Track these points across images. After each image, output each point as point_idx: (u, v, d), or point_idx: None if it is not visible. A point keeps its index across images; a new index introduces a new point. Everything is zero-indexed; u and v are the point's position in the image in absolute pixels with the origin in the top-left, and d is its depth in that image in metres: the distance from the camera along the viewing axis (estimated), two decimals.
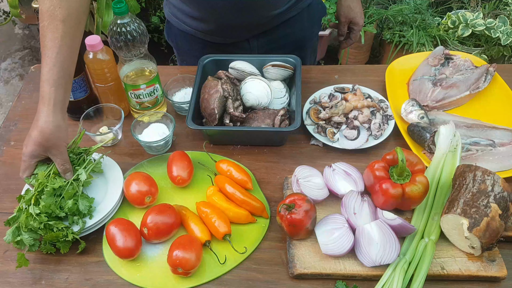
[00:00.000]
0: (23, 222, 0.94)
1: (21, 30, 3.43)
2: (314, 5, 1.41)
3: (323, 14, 1.49)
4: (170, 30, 1.45)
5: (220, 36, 1.34)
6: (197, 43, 1.38)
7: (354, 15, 1.48)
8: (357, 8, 1.48)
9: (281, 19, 1.32)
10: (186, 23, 1.35)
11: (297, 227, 0.92)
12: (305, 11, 1.37)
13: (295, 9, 1.34)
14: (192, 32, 1.36)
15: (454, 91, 1.26)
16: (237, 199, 1.03)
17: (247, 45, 1.37)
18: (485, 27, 2.45)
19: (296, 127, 1.10)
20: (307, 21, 1.40)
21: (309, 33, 1.46)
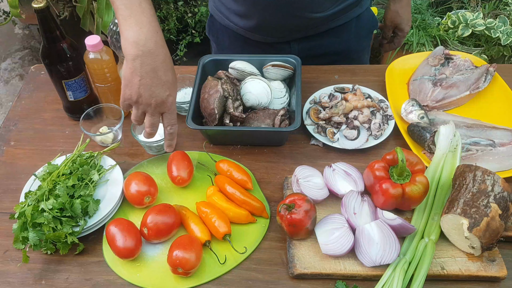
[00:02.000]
0: (29, 216, 0.94)
1: (21, 30, 3.43)
2: (365, 17, 1.37)
3: (374, 27, 1.45)
4: (212, 24, 1.44)
5: (262, 34, 1.33)
6: (238, 39, 1.37)
7: (400, 21, 1.47)
8: (405, 15, 1.46)
9: (326, 26, 1.30)
10: (229, 19, 1.34)
11: (297, 227, 0.92)
12: (353, 21, 1.34)
13: (342, 18, 1.30)
14: (235, 29, 1.35)
15: (454, 91, 1.26)
16: (237, 199, 1.03)
17: (287, 47, 1.36)
18: (485, 27, 2.45)
19: (296, 127, 1.10)
20: (354, 32, 1.37)
21: (355, 45, 1.41)
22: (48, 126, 1.27)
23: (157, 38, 0.83)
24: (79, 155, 1.08)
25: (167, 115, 0.89)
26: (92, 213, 1.00)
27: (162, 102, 0.86)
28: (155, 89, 0.84)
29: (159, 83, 0.84)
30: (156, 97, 0.85)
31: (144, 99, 0.84)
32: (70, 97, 1.22)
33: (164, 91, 0.85)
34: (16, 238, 0.95)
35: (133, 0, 0.83)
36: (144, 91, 0.84)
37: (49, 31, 1.10)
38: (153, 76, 0.83)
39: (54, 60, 1.14)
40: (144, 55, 0.83)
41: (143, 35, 0.82)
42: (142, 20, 0.82)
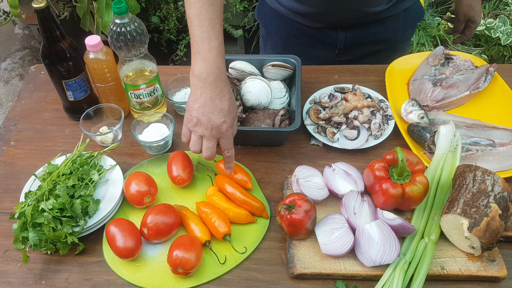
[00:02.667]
0: (29, 216, 0.94)
1: (21, 30, 3.43)
2: (413, 9, 1.40)
3: (420, 19, 1.48)
4: (262, 7, 1.47)
5: (313, 19, 1.35)
6: (287, 23, 1.39)
7: (474, 13, 1.47)
8: (478, 7, 1.47)
9: (377, 17, 1.32)
10: (281, 3, 1.37)
11: (297, 227, 0.92)
12: (401, 13, 1.36)
13: (393, 10, 1.33)
14: (285, 13, 1.37)
15: (454, 91, 1.26)
16: (237, 199, 1.03)
17: (334, 34, 1.37)
18: (485, 27, 2.45)
19: (296, 127, 1.10)
20: (402, 23, 1.39)
21: (401, 35, 1.44)
22: (48, 126, 1.27)
23: (217, 73, 0.94)
24: (79, 155, 1.08)
25: (223, 140, 0.97)
26: (92, 213, 1.00)
27: (217, 127, 0.94)
28: (212, 115, 0.94)
29: (216, 110, 0.94)
30: (212, 122, 0.94)
31: (202, 123, 0.94)
32: (70, 97, 1.22)
33: (220, 117, 0.94)
34: (16, 238, 0.95)
35: (204, 39, 0.93)
36: (202, 116, 0.94)
37: (49, 31, 1.10)
38: (210, 104, 0.93)
39: (54, 60, 1.14)
40: (204, 86, 0.94)
41: (205, 70, 0.93)
42: (208, 57, 0.93)
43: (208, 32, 0.94)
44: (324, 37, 1.38)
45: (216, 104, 0.94)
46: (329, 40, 1.39)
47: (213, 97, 0.94)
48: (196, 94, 0.94)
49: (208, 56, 0.93)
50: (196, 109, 0.94)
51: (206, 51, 0.94)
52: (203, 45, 0.94)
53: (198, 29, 0.94)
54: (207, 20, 0.94)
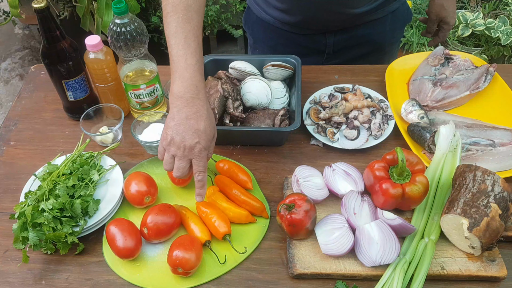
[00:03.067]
0: (29, 216, 0.94)
1: (21, 30, 3.43)
2: (400, 11, 1.39)
3: (408, 21, 1.47)
4: (249, 17, 1.47)
5: (300, 27, 1.34)
6: (274, 32, 1.39)
7: (446, 14, 1.45)
8: (450, 8, 1.44)
9: (364, 19, 1.32)
10: (267, 12, 1.37)
11: (297, 227, 0.92)
12: (389, 15, 1.36)
13: (380, 12, 1.33)
14: (272, 22, 1.37)
15: (454, 91, 1.26)
16: (237, 199, 1.03)
17: (322, 39, 1.37)
18: (485, 27, 2.45)
19: (296, 127, 1.10)
20: (390, 25, 1.38)
21: (389, 37, 1.44)
22: (48, 126, 1.27)
23: (194, 92, 0.92)
24: (79, 155, 1.08)
25: (195, 161, 0.94)
26: (92, 213, 1.00)
27: (190, 147, 0.92)
28: (186, 134, 0.91)
29: (190, 130, 0.91)
30: (185, 142, 0.91)
31: (175, 142, 0.92)
32: (70, 97, 1.22)
33: (194, 138, 0.91)
34: (16, 238, 0.95)
35: (180, 57, 0.92)
36: (176, 135, 0.91)
37: (49, 31, 1.10)
38: (185, 123, 0.91)
39: (54, 60, 1.14)
40: (181, 105, 0.92)
41: (182, 88, 0.92)
42: (184, 75, 0.92)
43: (184, 50, 0.92)
44: (312, 43, 1.38)
45: (191, 124, 0.91)
46: (318, 46, 1.39)
47: (188, 116, 0.91)
48: (173, 112, 0.92)
49: (184, 75, 0.92)
50: (171, 127, 0.92)
51: (183, 69, 0.92)
52: (180, 63, 0.92)
53: (174, 47, 0.93)
54: (182, 38, 0.92)
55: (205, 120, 0.92)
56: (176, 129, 0.91)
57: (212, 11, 2.58)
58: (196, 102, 0.92)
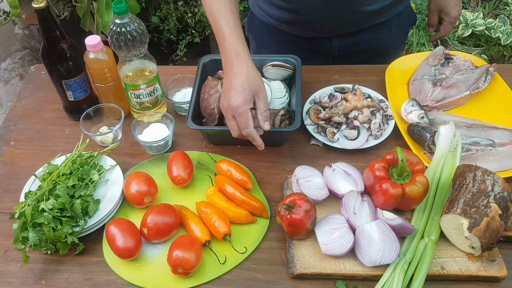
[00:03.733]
0: (29, 216, 0.94)
1: (21, 30, 3.42)
2: (405, 14, 1.37)
3: (413, 24, 1.44)
4: (252, 21, 1.46)
5: (305, 28, 1.33)
6: (278, 36, 1.38)
7: (445, 3, 1.34)
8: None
9: (370, 22, 1.30)
10: (271, 16, 1.36)
11: (297, 227, 0.92)
12: (394, 18, 1.34)
13: (386, 15, 1.31)
14: (276, 25, 1.36)
15: (454, 91, 1.26)
16: (237, 199, 1.03)
17: (328, 43, 1.36)
18: (485, 27, 2.45)
19: (296, 127, 1.10)
20: (395, 29, 1.37)
21: (395, 41, 1.42)
22: (48, 126, 1.27)
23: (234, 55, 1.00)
24: (79, 155, 1.08)
25: (237, 118, 0.98)
26: (92, 213, 1.00)
27: (230, 106, 0.97)
28: (226, 95, 0.99)
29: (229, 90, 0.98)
30: (225, 103, 0.98)
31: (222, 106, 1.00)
32: (70, 97, 1.22)
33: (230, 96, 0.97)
34: (16, 238, 0.95)
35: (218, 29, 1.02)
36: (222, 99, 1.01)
37: (49, 31, 1.10)
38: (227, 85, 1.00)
39: (54, 60, 1.14)
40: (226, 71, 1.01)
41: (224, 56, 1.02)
42: (223, 44, 1.01)
43: (220, 22, 1.01)
44: (317, 46, 1.37)
45: (231, 84, 0.97)
46: (323, 49, 1.38)
47: (229, 79, 0.98)
48: (224, 82, 1.00)
49: (223, 44, 1.00)
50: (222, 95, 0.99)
51: (222, 39, 1.00)
52: (219, 34, 1.01)
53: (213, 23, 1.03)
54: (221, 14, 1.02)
55: (243, 77, 0.97)
56: (222, 94, 0.99)
57: None
58: (235, 63, 0.98)
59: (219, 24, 1.01)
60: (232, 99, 0.96)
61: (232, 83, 0.97)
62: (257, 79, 0.99)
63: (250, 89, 0.97)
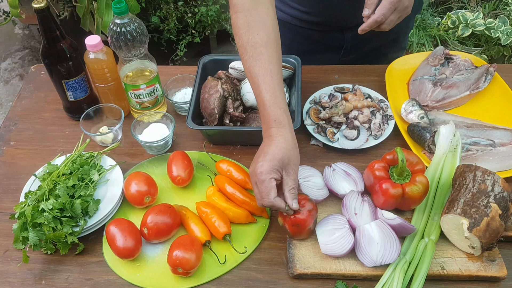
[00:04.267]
0: (29, 216, 0.94)
1: (21, 30, 3.42)
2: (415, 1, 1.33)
3: (419, 9, 1.41)
4: None
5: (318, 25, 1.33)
6: (290, 30, 1.38)
7: None
8: None
9: None
10: (283, 11, 1.35)
11: (300, 227, 0.92)
12: None
13: None
14: (289, 20, 1.35)
15: (454, 91, 1.26)
16: (237, 199, 1.03)
17: (340, 35, 1.37)
18: (485, 27, 2.45)
19: (296, 127, 1.10)
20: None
21: (404, 27, 1.39)
22: (48, 126, 1.27)
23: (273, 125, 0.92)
24: (79, 155, 1.08)
25: (257, 185, 0.90)
26: (92, 213, 1.00)
27: (253, 172, 0.90)
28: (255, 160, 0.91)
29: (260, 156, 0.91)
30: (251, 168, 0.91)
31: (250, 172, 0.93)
32: (70, 97, 1.22)
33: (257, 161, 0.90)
34: (16, 238, 0.95)
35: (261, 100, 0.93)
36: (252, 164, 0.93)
37: (49, 31, 1.10)
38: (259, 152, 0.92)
39: (54, 60, 1.14)
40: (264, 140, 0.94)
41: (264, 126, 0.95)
42: (263, 114, 0.94)
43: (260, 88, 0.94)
44: (330, 39, 1.38)
45: (264, 150, 0.90)
46: (335, 42, 1.39)
47: (265, 145, 0.91)
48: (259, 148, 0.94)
49: (263, 114, 0.93)
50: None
51: (261, 108, 0.94)
52: (258, 104, 0.95)
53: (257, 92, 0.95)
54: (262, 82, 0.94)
55: (277, 146, 0.89)
56: (253, 160, 0.92)
57: (212, 11, 2.58)
58: (274, 133, 0.91)
59: (259, 90, 0.93)
60: (258, 164, 0.88)
61: (265, 150, 0.90)
62: (292, 152, 0.90)
63: (280, 160, 0.88)
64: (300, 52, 1.28)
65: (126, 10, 1.06)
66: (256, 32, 0.96)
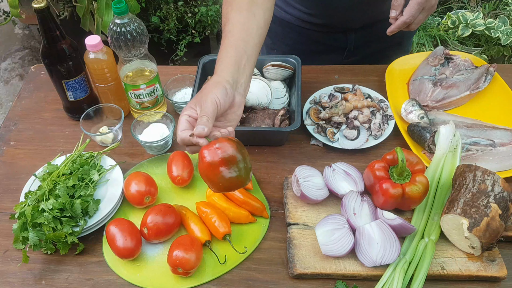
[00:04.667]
0: (29, 216, 0.94)
1: (21, 30, 3.42)
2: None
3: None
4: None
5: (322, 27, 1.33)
6: (294, 31, 1.38)
7: None
8: None
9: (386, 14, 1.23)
10: (287, 12, 1.36)
11: (204, 164, 0.77)
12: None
13: None
14: (292, 20, 1.36)
15: (454, 91, 1.26)
16: (237, 199, 1.03)
17: (343, 37, 1.37)
18: (485, 27, 2.45)
19: (296, 127, 1.10)
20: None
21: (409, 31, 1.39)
22: (48, 126, 1.27)
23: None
24: (79, 155, 1.08)
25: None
26: (92, 213, 1.00)
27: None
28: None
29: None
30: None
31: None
32: (70, 97, 1.22)
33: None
34: (16, 238, 0.95)
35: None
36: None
37: (49, 31, 1.10)
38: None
39: (54, 60, 1.14)
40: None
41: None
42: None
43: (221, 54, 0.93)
44: (333, 40, 1.38)
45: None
46: (338, 43, 1.39)
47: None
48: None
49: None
50: None
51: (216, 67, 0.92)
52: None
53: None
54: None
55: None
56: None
57: (212, 11, 2.58)
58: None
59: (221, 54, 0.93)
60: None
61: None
62: (207, 90, 0.86)
63: (195, 98, 0.88)
64: (302, 53, 1.29)
65: (126, 10, 1.06)
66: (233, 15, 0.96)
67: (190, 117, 0.85)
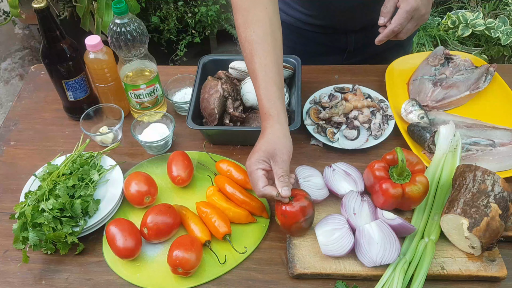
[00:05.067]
0: (29, 216, 0.94)
1: (21, 30, 3.42)
2: None
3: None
4: None
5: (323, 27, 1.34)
6: (294, 32, 1.38)
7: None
8: None
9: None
10: (287, 13, 1.36)
11: (288, 219, 0.91)
12: None
13: None
14: (292, 22, 1.36)
15: (454, 91, 1.26)
16: (237, 199, 1.03)
17: (344, 38, 1.37)
18: (485, 27, 2.45)
19: (296, 127, 1.10)
20: None
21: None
22: (48, 126, 1.27)
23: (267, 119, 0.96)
24: (79, 155, 1.08)
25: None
26: (92, 213, 1.00)
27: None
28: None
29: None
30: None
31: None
32: (70, 97, 1.22)
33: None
34: (16, 238, 0.95)
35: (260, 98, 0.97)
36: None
37: (49, 31, 1.10)
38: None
39: (54, 60, 1.14)
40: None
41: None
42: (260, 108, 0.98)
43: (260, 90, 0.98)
44: (333, 41, 1.38)
45: (256, 144, 0.94)
46: (339, 45, 1.39)
47: (258, 139, 0.95)
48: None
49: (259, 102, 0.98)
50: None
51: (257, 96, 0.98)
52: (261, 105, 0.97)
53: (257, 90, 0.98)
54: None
55: (263, 138, 0.93)
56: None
57: (212, 11, 2.59)
58: (264, 125, 0.96)
59: (255, 85, 0.98)
60: (248, 157, 0.93)
61: (256, 143, 0.94)
62: (279, 141, 0.92)
63: (265, 151, 0.91)
64: (303, 54, 1.29)
65: (126, 10, 1.06)
66: (253, 30, 0.99)
67: (264, 170, 0.91)
